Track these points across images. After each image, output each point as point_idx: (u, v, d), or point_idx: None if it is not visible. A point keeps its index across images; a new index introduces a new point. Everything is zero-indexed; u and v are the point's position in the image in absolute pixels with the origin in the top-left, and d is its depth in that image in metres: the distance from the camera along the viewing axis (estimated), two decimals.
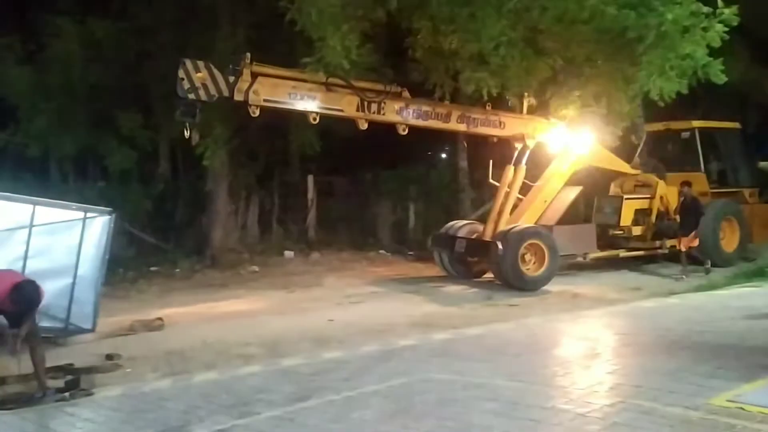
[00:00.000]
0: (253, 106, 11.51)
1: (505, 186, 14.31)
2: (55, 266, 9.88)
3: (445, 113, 13.31)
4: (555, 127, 14.30)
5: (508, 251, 13.18)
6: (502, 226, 13.93)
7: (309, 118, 12.22)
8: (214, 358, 8.87)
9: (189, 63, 11.06)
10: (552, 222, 14.57)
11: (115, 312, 11.86)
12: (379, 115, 12.62)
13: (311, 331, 10.34)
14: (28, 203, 10.02)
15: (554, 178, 14.74)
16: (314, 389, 6.96)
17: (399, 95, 12.87)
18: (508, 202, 14.20)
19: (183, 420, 6.14)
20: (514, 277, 13.32)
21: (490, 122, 13.75)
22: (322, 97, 12.09)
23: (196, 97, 11.08)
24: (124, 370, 8.42)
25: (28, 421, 6.54)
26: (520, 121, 14.11)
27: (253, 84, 11.44)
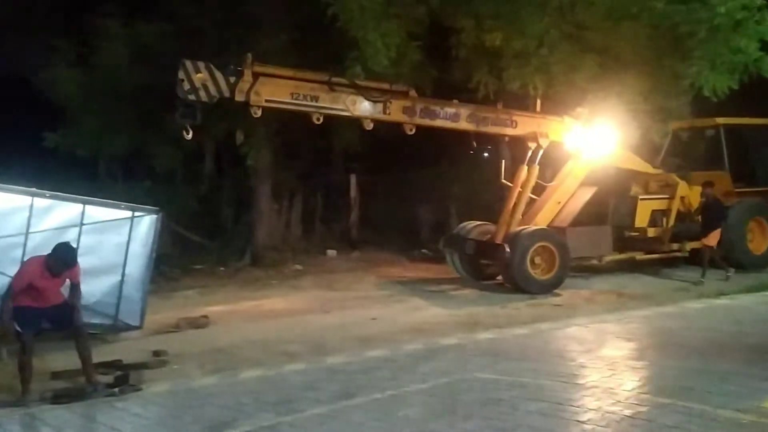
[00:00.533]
0: (255, 106, 11.30)
1: (518, 186, 13.90)
2: (105, 264, 10.08)
3: (454, 112, 12.87)
4: (570, 125, 13.89)
5: (517, 254, 12.87)
6: (513, 228, 13.59)
7: (312, 118, 11.88)
8: (259, 355, 8.94)
9: (189, 64, 10.87)
10: (566, 223, 14.14)
11: (161, 309, 12.04)
12: (385, 115, 12.33)
13: (355, 330, 10.37)
14: (78, 202, 10.25)
15: (569, 179, 14.29)
16: (359, 387, 6.97)
17: (405, 94, 12.52)
18: (519, 203, 13.79)
19: (229, 416, 6.20)
20: (522, 280, 12.99)
21: (501, 121, 13.30)
22: (325, 97, 11.79)
23: (196, 98, 10.90)
24: (171, 366, 8.52)
25: (81, 416, 6.67)
26: (533, 120, 13.68)
27: (255, 84, 11.21)
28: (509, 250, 12.86)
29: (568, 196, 14.28)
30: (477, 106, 13.28)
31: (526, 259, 12.93)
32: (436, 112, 12.76)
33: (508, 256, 12.85)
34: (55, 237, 9.81)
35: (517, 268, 12.90)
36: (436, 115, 12.75)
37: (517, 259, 12.85)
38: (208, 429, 5.88)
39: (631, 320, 10.38)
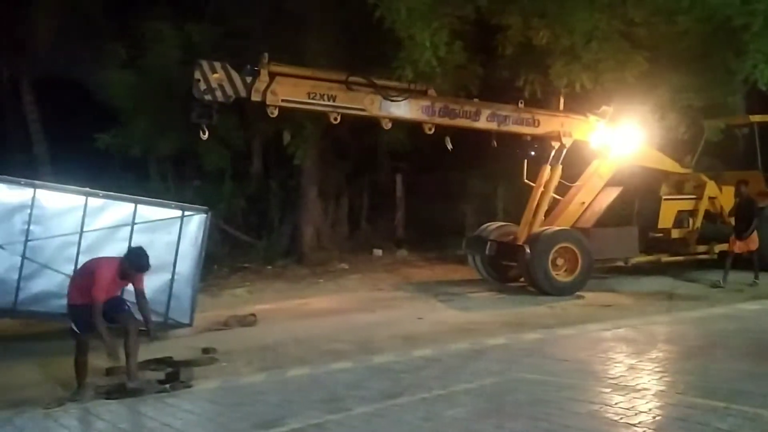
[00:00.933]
0: (272, 106, 11.16)
1: (540, 186, 13.65)
2: (155, 263, 10.08)
3: (474, 111, 12.63)
4: (594, 124, 13.62)
5: (538, 255, 12.64)
6: (535, 229, 13.37)
7: (330, 118, 11.79)
8: (306, 353, 9.02)
9: (205, 64, 10.82)
10: (590, 224, 13.91)
11: (210, 307, 12.25)
12: (403, 115, 12.19)
13: (401, 329, 10.39)
14: (130, 202, 10.50)
15: (594, 179, 14.02)
16: (405, 386, 6.97)
17: (424, 93, 12.37)
18: (542, 203, 13.57)
19: (278, 414, 6.26)
20: (544, 282, 12.75)
21: (522, 120, 13.04)
22: (343, 96, 11.62)
23: (212, 98, 10.80)
24: (220, 363, 8.64)
25: (133, 411, 6.80)
26: (556, 118, 13.40)
27: (271, 84, 11.06)
28: (530, 252, 12.65)
29: (593, 197, 14.01)
30: (498, 104, 13.06)
31: (548, 260, 12.70)
32: (456, 111, 12.54)
33: (529, 258, 12.65)
34: (108, 236, 10.11)
35: (538, 270, 12.68)
36: (455, 114, 12.53)
37: (538, 260, 12.63)
38: (257, 426, 5.94)
39: (682, 322, 10.18)
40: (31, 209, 9.82)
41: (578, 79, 12.28)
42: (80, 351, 7.35)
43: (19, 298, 9.71)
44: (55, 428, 6.23)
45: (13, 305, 9.71)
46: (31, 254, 9.76)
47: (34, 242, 9.80)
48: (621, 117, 13.45)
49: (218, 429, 6.01)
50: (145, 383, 7.42)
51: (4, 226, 9.72)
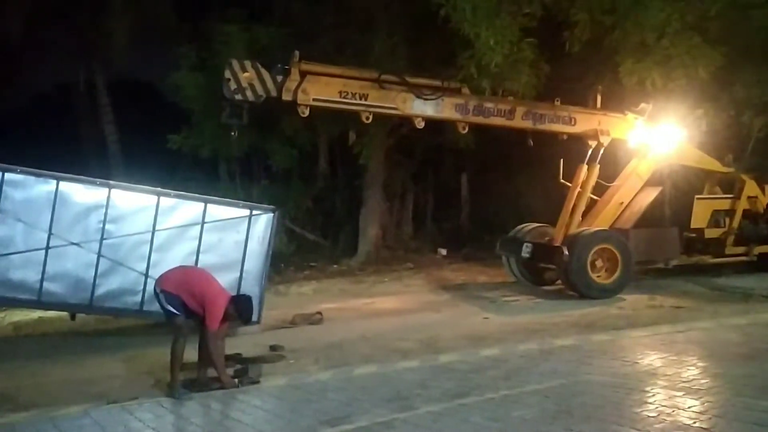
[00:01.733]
0: (303, 105, 11.06)
1: (577, 187, 13.28)
2: (224, 261, 10.47)
3: (509, 109, 12.39)
4: (632, 122, 13.20)
5: (576, 257, 12.29)
6: (572, 230, 13.01)
7: (362, 117, 11.62)
8: (372, 352, 9.05)
9: (235, 63, 10.79)
10: (628, 225, 13.50)
11: (277, 305, 12.41)
12: (437, 113, 11.97)
13: (467, 329, 10.35)
14: (200, 201, 10.71)
15: (632, 178, 13.61)
16: (472, 386, 6.92)
17: (458, 91, 12.10)
18: (579, 203, 13.20)
19: (345, 411, 6.30)
20: (582, 285, 12.42)
21: (559, 118, 12.74)
22: (374, 94, 11.46)
23: (243, 97, 10.77)
24: (288, 361, 8.74)
25: (203, 406, 6.93)
26: (593, 116, 13.04)
27: (302, 83, 10.97)
28: (568, 253, 12.31)
29: (632, 197, 13.61)
30: (534, 102, 12.83)
31: (586, 262, 12.37)
32: (490, 110, 12.30)
33: (567, 260, 12.31)
34: (179, 234, 10.34)
35: (576, 272, 12.36)
36: (490, 112, 12.29)
37: (577, 262, 12.30)
38: (324, 423, 5.99)
39: (762, 324, 9.81)
40: (106, 208, 10.11)
41: (649, 76, 12.01)
42: (177, 339, 7.32)
43: (95, 295, 10.01)
44: (131, 421, 6.39)
45: (90, 302, 10.01)
46: (106, 252, 10.05)
47: (109, 240, 10.09)
48: (660, 115, 13.05)
49: (287, 425, 6.07)
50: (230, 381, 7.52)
51: (81, 224, 10.02)
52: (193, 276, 7.78)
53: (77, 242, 9.93)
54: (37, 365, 9.04)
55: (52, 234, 9.82)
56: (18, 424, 6.43)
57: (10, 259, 9.65)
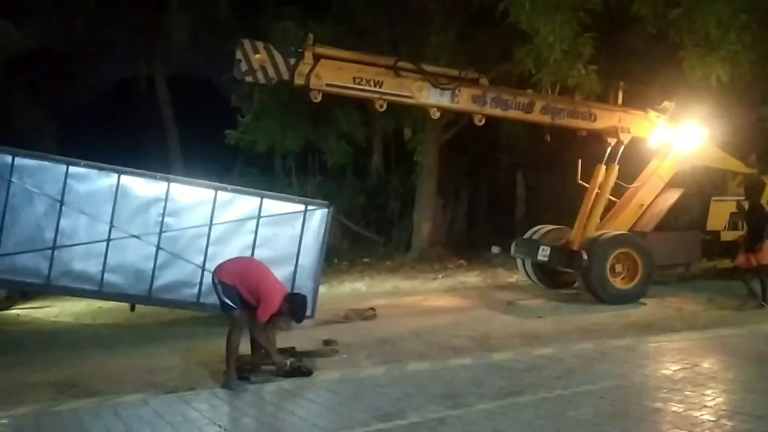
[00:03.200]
0: (315, 90, 10.69)
1: (595, 188, 12.85)
2: (279, 255, 10.56)
3: (527, 103, 11.93)
4: (654, 120, 12.71)
5: (595, 261, 11.92)
6: (590, 233, 12.60)
7: (375, 105, 11.18)
8: (425, 348, 9.03)
9: (247, 43, 10.37)
10: (648, 228, 13.05)
11: (330, 300, 12.48)
12: (453, 104, 11.54)
13: (520, 327, 10.27)
14: (256, 196, 10.83)
15: (653, 179, 13.12)
16: (526, 385, 6.86)
17: (476, 82, 11.64)
18: (597, 205, 12.77)
19: (398, 407, 6.29)
20: (601, 290, 12.04)
21: (578, 114, 12.27)
22: (389, 82, 11.03)
23: (253, 79, 10.43)
24: (341, 355, 8.78)
25: (257, 398, 7.02)
26: (614, 113, 12.58)
27: (315, 67, 10.58)
28: (587, 257, 11.96)
29: (652, 198, 13.15)
30: (552, 96, 12.42)
31: (606, 266, 12.00)
32: (508, 102, 11.85)
33: (586, 264, 11.94)
34: (235, 228, 10.48)
35: (595, 277, 11.98)
36: (507, 105, 11.85)
37: (596, 266, 11.94)
38: (377, 418, 5.99)
39: None
40: (165, 202, 10.31)
41: (714, 72, 11.68)
42: (233, 329, 7.42)
43: (153, 286, 10.22)
44: (188, 411, 6.51)
45: (148, 293, 10.23)
46: (164, 245, 10.25)
47: (168, 233, 10.29)
48: (683, 113, 12.58)
49: (340, 419, 6.10)
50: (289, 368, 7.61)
51: (141, 217, 10.25)
52: (250, 268, 7.86)
53: (137, 235, 10.16)
54: (97, 354, 9.28)
55: (113, 226, 10.07)
56: (81, 410, 6.61)
57: (74, 250, 9.93)
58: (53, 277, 9.87)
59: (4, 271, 9.73)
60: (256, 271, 7.74)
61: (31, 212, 9.83)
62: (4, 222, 9.66)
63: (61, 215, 9.89)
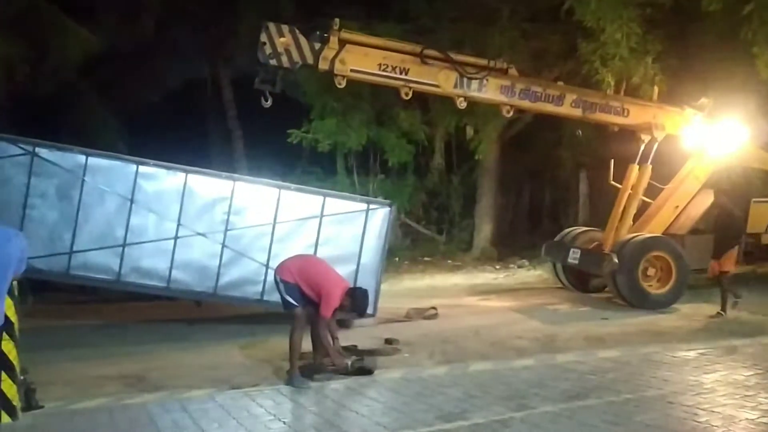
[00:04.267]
0: (339, 76, 10.52)
1: (628, 188, 12.44)
2: (341, 254, 10.63)
3: (558, 95, 11.54)
4: (690, 118, 12.16)
5: (626, 265, 11.55)
6: (622, 236, 12.20)
7: (401, 93, 10.96)
8: (487, 348, 8.99)
9: (272, 26, 10.23)
10: (684, 231, 12.57)
11: (391, 299, 12.48)
12: (480, 94, 11.17)
13: (584, 328, 10.13)
14: (319, 195, 10.92)
15: (688, 180, 12.60)
16: (591, 388, 6.75)
17: (505, 72, 11.33)
18: (630, 207, 12.35)
19: (461, 407, 6.27)
20: (633, 295, 11.68)
21: (611, 108, 11.83)
22: (415, 70, 10.76)
23: (278, 63, 10.26)
24: (403, 354, 8.79)
25: (320, 395, 7.08)
26: (648, 109, 12.07)
27: (341, 52, 10.39)
28: (617, 261, 11.60)
29: (688, 200, 12.63)
30: (584, 90, 12.07)
31: (637, 270, 11.64)
32: (538, 94, 11.47)
33: (616, 267, 11.60)
34: (299, 227, 10.59)
35: (626, 281, 11.66)
36: (537, 97, 11.46)
37: (627, 270, 11.58)
38: (440, 418, 5.99)
39: None
40: (230, 201, 10.47)
41: None
42: (296, 326, 7.50)
43: (219, 283, 10.40)
44: (252, 407, 6.61)
45: (214, 290, 10.41)
46: (229, 243, 10.42)
47: (233, 231, 10.45)
48: (722, 111, 12.06)
49: (402, 418, 6.10)
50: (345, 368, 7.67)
51: (207, 216, 10.43)
52: (311, 265, 7.92)
53: (203, 233, 10.34)
54: (165, 350, 9.48)
55: (181, 224, 10.28)
56: (149, 404, 6.77)
57: (143, 248, 10.17)
58: (123, 273, 10.13)
59: (78, 268, 10.03)
60: (317, 268, 7.80)
61: (103, 210, 10.11)
62: (77, 220, 9.95)
63: (131, 213, 10.15)
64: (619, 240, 12.14)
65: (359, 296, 7.69)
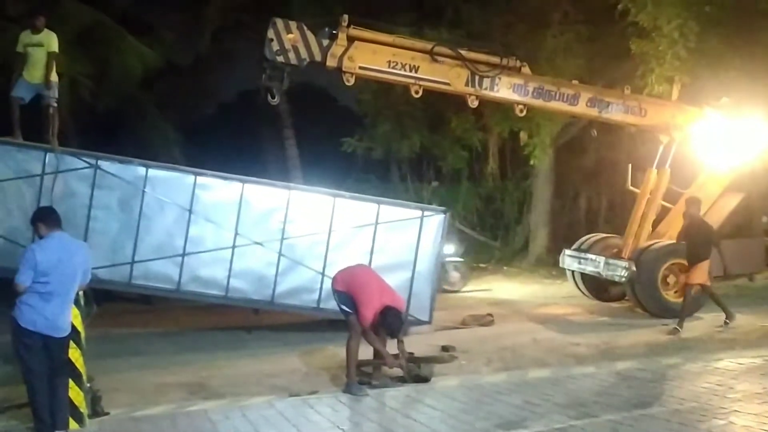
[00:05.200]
0: (348, 73, 10.26)
1: (647, 193, 11.98)
2: (396, 261, 10.66)
3: (572, 94, 11.19)
4: (710, 118, 11.62)
5: (645, 272, 11.15)
6: (641, 242, 11.74)
7: (411, 90, 10.72)
8: (545, 356, 8.89)
9: (280, 22, 10.02)
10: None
11: (447, 306, 12.46)
12: (492, 92, 10.87)
13: (645, 335, 9.95)
14: (373, 203, 10.97)
15: (710, 184, 12.04)
16: (654, 396, 6.61)
17: (518, 70, 11.05)
18: (648, 212, 11.88)
19: (520, 415, 6.20)
20: (652, 304, 11.27)
21: (627, 108, 11.39)
22: (426, 67, 10.51)
23: (285, 60, 10.04)
24: (459, 362, 8.74)
25: (378, 403, 7.09)
26: (666, 108, 11.60)
27: (349, 49, 10.18)
28: (635, 269, 11.23)
29: (710, 204, 12.03)
30: (600, 89, 11.71)
31: (657, 278, 11.24)
32: (552, 93, 11.12)
33: (635, 276, 11.23)
34: (354, 235, 10.64)
35: (645, 289, 11.28)
36: (551, 96, 11.12)
37: (645, 278, 11.21)
38: (499, 426, 5.93)
39: None
40: (286, 210, 10.58)
41: None
42: (353, 334, 7.52)
43: (276, 292, 10.51)
44: (311, 414, 6.66)
45: (271, 298, 10.53)
46: (286, 251, 10.52)
47: (289, 240, 10.56)
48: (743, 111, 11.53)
49: (461, 426, 6.06)
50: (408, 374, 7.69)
51: (263, 225, 10.56)
52: (356, 275, 7.90)
53: (260, 242, 10.47)
54: (224, 357, 9.62)
55: (238, 234, 10.42)
56: (211, 411, 6.88)
57: (201, 257, 10.34)
58: (182, 283, 10.32)
59: (139, 278, 10.25)
60: (360, 279, 7.79)
61: (163, 221, 10.30)
62: (138, 231, 10.17)
63: (189, 224, 10.33)
64: (638, 247, 11.80)
65: (390, 317, 7.52)
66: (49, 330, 5.83)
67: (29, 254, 5.83)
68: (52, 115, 9.88)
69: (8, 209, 9.82)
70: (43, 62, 9.83)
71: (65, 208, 8.83)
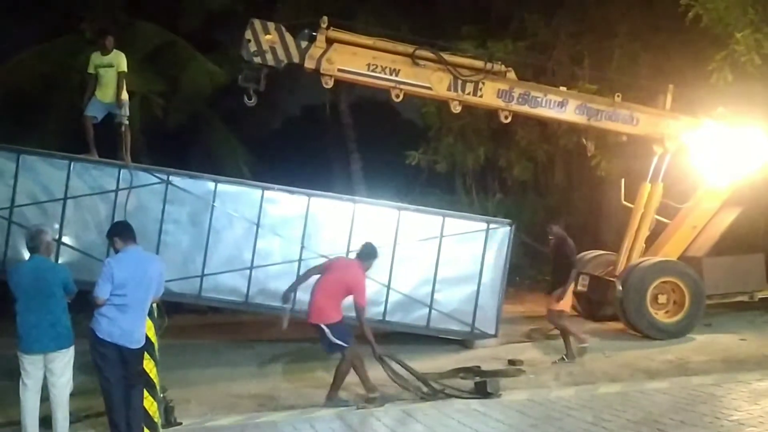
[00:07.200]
0: (326, 76, 10.14)
1: (641, 208, 11.51)
2: (462, 273, 10.65)
3: (560, 101, 10.84)
4: (707, 129, 11.09)
5: (633, 291, 10.71)
6: (634, 259, 11.30)
7: (392, 94, 10.45)
8: (615, 370, 8.75)
9: (257, 23, 9.93)
10: (702, 253, 11.45)
11: (513, 319, 12.34)
12: (475, 97, 10.56)
13: (720, 350, 9.69)
14: (438, 215, 10.97)
15: (707, 198, 11.49)
16: (731, 413, 6.40)
17: (503, 75, 10.71)
18: (642, 228, 11.45)
19: (591, 431, 6.10)
20: (640, 323, 10.77)
21: (618, 116, 11.00)
22: (407, 71, 10.28)
23: (262, 61, 9.96)
24: (527, 375, 8.66)
25: (446, 416, 7.05)
26: (660, 118, 11.11)
27: (328, 51, 10.03)
28: (621, 288, 10.81)
29: (707, 220, 11.58)
30: (590, 96, 11.33)
31: (645, 298, 10.79)
32: (538, 100, 10.76)
33: (621, 295, 10.81)
34: (419, 248, 10.65)
35: (632, 309, 10.82)
36: (537, 102, 10.74)
37: (633, 297, 10.76)
38: None
39: None
40: (351, 223, 10.65)
41: None
42: (350, 361, 7.80)
43: None
44: (379, 427, 6.69)
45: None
46: None
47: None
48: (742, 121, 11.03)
49: None
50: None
51: (329, 238, 10.64)
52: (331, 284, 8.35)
53: (326, 255, 10.55)
54: (292, 369, 9.74)
55: (304, 247, 10.54)
56: (280, 423, 6.98)
57: (269, 270, 10.48)
58: (251, 295, 10.47)
59: (209, 290, 10.45)
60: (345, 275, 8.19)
61: (231, 235, 10.50)
62: (208, 244, 10.38)
63: (257, 237, 10.49)
64: (628, 265, 11.45)
65: (367, 248, 8.18)
66: (125, 341, 5.99)
67: (107, 268, 6.02)
68: (123, 132, 10.14)
69: (85, 224, 10.15)
70: (113, 82, 10.12)
71: (138, 222, 9.02)
